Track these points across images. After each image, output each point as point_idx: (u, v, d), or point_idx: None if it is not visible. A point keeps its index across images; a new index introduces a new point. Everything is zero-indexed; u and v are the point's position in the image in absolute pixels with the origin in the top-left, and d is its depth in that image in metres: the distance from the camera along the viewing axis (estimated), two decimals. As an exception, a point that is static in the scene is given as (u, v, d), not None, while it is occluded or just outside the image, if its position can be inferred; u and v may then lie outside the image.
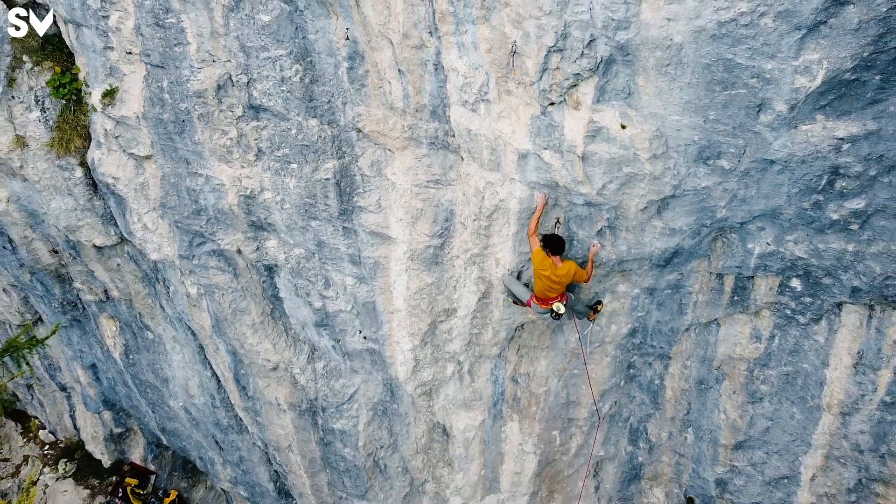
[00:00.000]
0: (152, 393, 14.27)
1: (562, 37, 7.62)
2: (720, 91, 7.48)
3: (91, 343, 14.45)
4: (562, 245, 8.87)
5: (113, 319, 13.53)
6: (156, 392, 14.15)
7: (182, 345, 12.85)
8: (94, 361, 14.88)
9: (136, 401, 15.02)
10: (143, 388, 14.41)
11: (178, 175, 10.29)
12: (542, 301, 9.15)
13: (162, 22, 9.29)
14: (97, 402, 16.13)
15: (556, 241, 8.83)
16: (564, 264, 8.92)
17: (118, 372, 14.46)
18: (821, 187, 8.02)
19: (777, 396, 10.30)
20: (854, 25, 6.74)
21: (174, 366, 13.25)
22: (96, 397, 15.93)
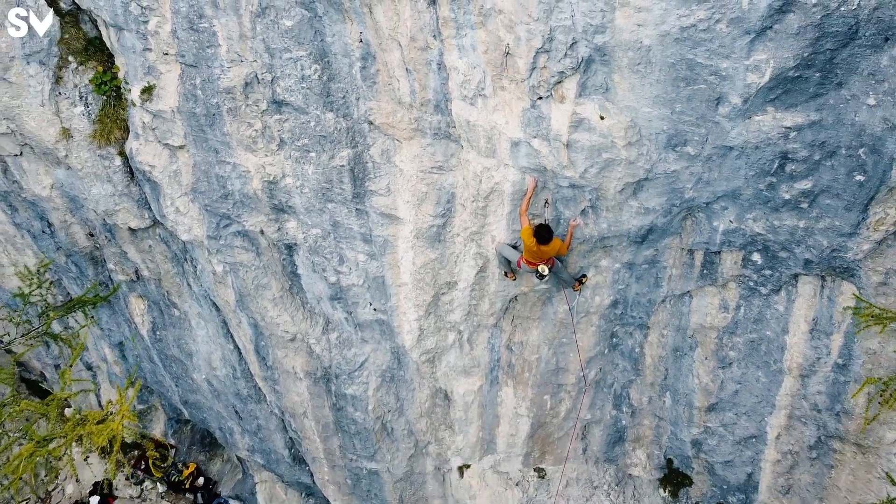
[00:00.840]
0: (177, 367, 15.47)
1: (548, 40, 8.83)
2: (684, 86, 8.70)
3: (119, 322, 15.63)
4: (550, 235, 10.02)
5: (142, 298, 14.73)
6: (180, 366, 15.35)
7: (206, 320, 14.04)
8: (121, 339, 16.05)
9: (161, 376, 16.21)
10: (167, 363, 15.60)
11: (208, 163, 11.50)
12: (529, 263, 10.34)
13: (196, 26, 10.49)
14: (122, 379, 17.32)
15: (544, 232, 9.99)
16: (551, 243, 10.09)
17: (144, 348, 15.65)
18: (773, 170, 9.23)
19: (744, 361, 11.50)
20: (795, 30, 7.96)
21: (198, 340, 14.45)
22: (121, 375, 17.12)
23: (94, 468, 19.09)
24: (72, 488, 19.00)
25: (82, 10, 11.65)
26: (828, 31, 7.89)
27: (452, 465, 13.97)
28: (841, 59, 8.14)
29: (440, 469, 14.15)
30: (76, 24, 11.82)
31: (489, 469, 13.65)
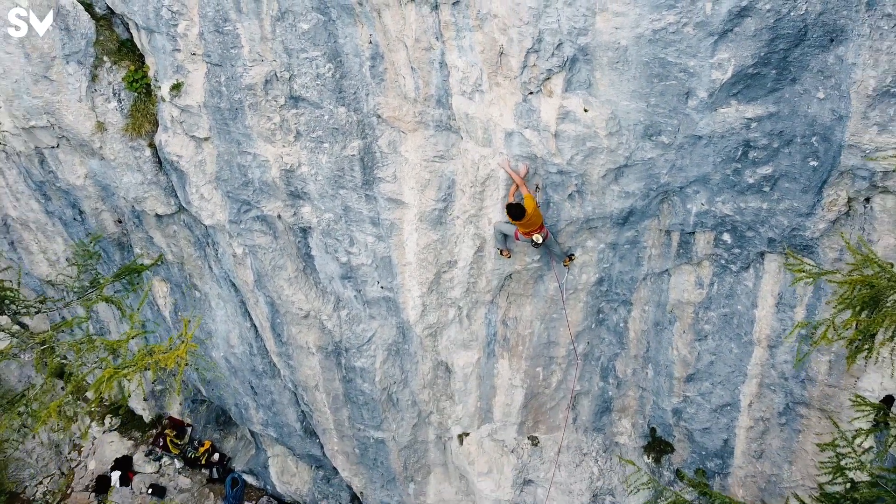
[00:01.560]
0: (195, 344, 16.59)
1: (537, 41, 9.99)
2: (657, 82, 9.85)
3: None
4: (521, 213, 11.11)
5: (165, 281, 15.87)
6: (200, 345, 16.48)
7: (226, 301, 15.18)
8: (143, 321, 17.20)
9: (180, 355, 17.32)
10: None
11: (230, 153, 12.66)
12: (525, 233, 11.45)
13: (221, 29, 11.65)
14: (142, 360, 18.42)
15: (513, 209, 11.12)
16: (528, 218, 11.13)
17: (166, 329, 16.79)
18: (738, 157, 10.36)
19: (718, 334, 12.61)
20: (752, 33, 9.11)
21: (217, 320, 15.59)
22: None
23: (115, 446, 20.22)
24: (94, 464, 20.13)
25: (115, 14, 12.81)
26: (781, 33, 9.05)
27: (453, 434, 15.10)
28: (793, 57, 9.28)
29: (441, 437, 15.28)
30: (110, 27, 12.99)
31: (486, 437, 14.77)
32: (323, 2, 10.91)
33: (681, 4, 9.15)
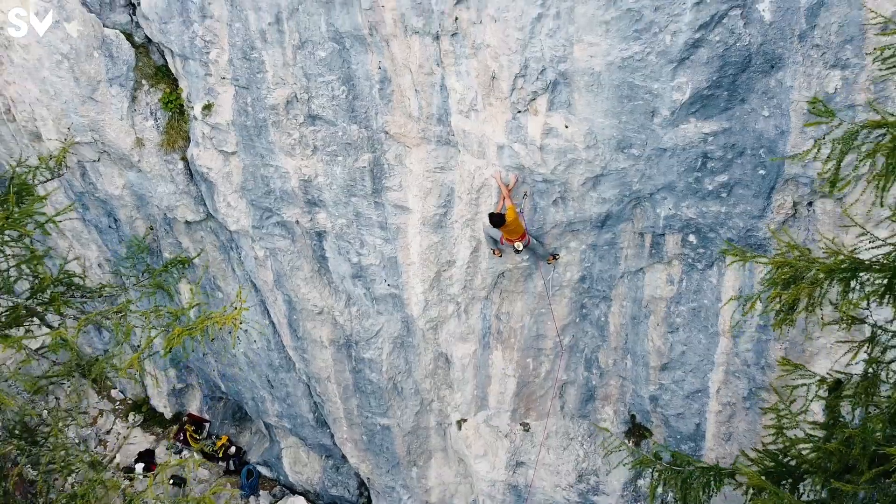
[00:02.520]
0: (217, 344, 18.16)
1: (524, 67, 11.63)
2: (627, 102, 11.49)
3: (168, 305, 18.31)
4: (500, 220, 12.71)
5: (190, 284, 17.46)
6: (220, 341, 18.02)
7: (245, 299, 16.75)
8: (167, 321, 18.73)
9: (201, 353, 18.91)
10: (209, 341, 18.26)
11: (255, 166, 14.29)
12: (508, 240, 13.03)
13: (248, 56, 13.32)
14: (166, 361, 20.01)
15: (494, 219, 12.73)
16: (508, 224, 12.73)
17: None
18: (698, 167, 11.97)
19: (688, 326, 14.14)
20: (705, 60, 10.75)
21: (238, 318, 17.15)
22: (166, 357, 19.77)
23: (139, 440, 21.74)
24: (119, 458, 21.62)
25: (153, 42, 14.49)
26: (729, 60, 10.69)
27: (452, 420, 16.60)
28: (741, 81, 10.92)
29: (441, 424, 16.78)
30: (147, 54, 14.67)
31: (482, 423, 16.27)
32: (338, 32, 12.58)
33: (645, 36, 10.81)
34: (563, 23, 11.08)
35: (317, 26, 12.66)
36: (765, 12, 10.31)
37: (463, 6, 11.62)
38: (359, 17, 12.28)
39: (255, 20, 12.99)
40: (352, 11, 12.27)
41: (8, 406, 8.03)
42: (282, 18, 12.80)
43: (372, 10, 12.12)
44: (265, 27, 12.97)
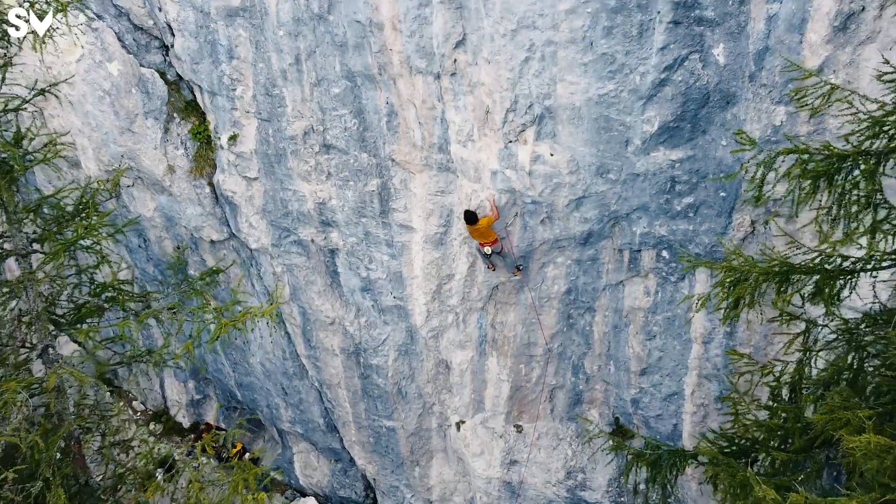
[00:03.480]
0: (236, 354, 19.71)
1: (514, 103, 13.33)
2: (604, 133, 13.16)
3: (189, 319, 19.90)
4: (472, 218, 14.32)
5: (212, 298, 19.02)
6: (239, 353, 19.59)
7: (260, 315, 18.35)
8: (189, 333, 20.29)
9: (221, 364, 20.44)
10: (228, 352, 19.85)
11: (274, 190, 15.95)
12: (480, 244, 14.67)
13: (270, 93, 15.02)
14: (186, 372, 21.55)
15: (467, 215, 14.33)
16: (479, 227, 14.34)
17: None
18: (668, 190, 13.60)
19: (664, 334, 15.69)
20: (670, 97, 12.44)
21: (256, 329, 18.72)
22: (186, 368, 21.33)
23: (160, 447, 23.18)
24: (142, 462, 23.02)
25: (183, 80, 16.22)
26: (691, 97, 12.38)
27: (451, 422, 18.10)
28: (702, 115, 12.60)
29: (442, 425, 18.29)
30: (178, 90, 16.39)
31: (479, 424, 17.76)
32: (351, 72, 14.29)
33: (618, 76, 12.51)
34: (548, 65, 12.78)
35: (332, 66, 14.37)
36: (719, 56, 12.02)
37: (461, 50, 13.33)
38: (369, 59, 13.99)
39: (277, 61, 14.71)
40: (363, 53, 13.98)
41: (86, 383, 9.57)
42: (301, 59, 14.52)
43: (381, 53, 13.83)
44: (286, 67, 14.68)
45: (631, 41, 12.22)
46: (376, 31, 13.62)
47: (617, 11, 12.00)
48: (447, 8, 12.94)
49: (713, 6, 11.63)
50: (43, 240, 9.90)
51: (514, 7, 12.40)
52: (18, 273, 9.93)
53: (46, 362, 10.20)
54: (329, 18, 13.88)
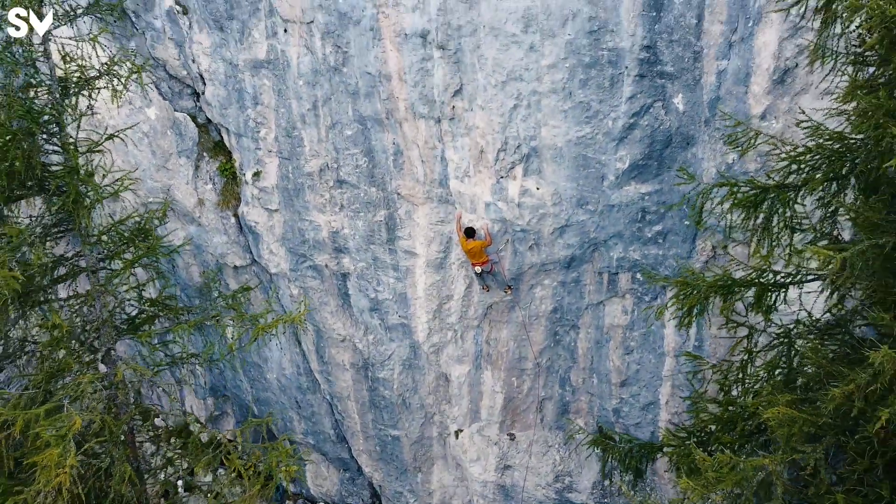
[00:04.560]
0: (254, 371, 21.53)
1: (504, 144, 15.33)
2: (582, 170, 15.15)
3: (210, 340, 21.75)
4: (471, 232, 16.20)
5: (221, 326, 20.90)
6: (257, 369, 21.41)
7: (281, 332, 20.20)
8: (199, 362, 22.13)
9: (239, 380, 22.25)
10: (247, 369, 21.66)
11: (293, 220, 17.92)
12: (472, 264, 16.56)
13: (290, 134, 17.05)
14: (206, 389, 23.35)
15: (469, 230, 16.22)
16: (471, 243, 16.23)
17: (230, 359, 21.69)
18: (639, 219, 15.55)
19: (640, 349, 17.54)
20: (639, 139, 14.44)
21: (273, 348, 20.57)
22: (206, 385, 23.14)
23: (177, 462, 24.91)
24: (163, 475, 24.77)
25: (212, 123, 18.26)
26: (656, 139, 14.40)
27: (450, 430, 19.87)
28: (666, 154, 14.61)
29: (442, 434, 20.05)
30: (207, 132, 18.42)
31: (476, 433, 19.53)
32: (362, 116, 16.31)
33: (593, 121, 14.54)
34: (533, 111, 14.82)
35: (345, 111, 16.40)
36: (679, 104, 14.06)
37: (458, 98, 15.37)
38: (378, 105, 16.02)
39: (297, 106, 16.75)
40: (373, 100, 16.01)
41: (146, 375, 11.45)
42: (318, 105, 16.55)
43: (388, 100, 15.86)
44: (304, 112, 16.72)
45: (604, 91, 14.27)
46: (385, 81, 15.66)
47: (591, 66, 14.06)
48: (446, 62, 14.99)
49: (672, 62, 13.70)
50: (109, 258, 11.84)
51: (503, 62, 14.46)
52: (89, 287, 11.84)
53: (107, 362, 12.06)
54: (343, 70, 15.94)
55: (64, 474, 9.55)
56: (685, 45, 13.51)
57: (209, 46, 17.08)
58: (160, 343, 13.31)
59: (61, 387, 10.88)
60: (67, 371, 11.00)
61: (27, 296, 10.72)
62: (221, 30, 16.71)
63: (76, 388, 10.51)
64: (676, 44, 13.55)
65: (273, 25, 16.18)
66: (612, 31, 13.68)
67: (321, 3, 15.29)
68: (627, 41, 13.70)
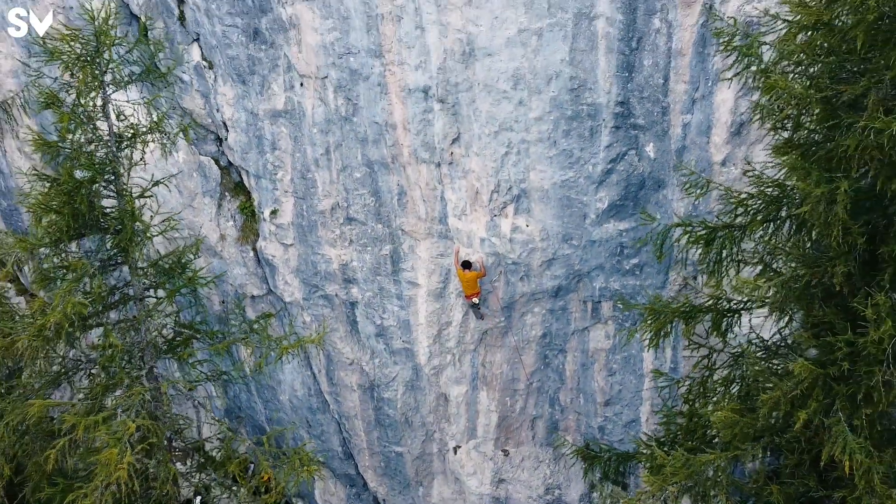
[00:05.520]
0: (268, 393, 23.22)
1: (497, 185, 17.21)
2: (567, 209, 17.01)
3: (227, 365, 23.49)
4: (467, 264, 18.04)
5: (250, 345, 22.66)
6: (270, 391, 23.10)
7: (294, 356, 21.94)
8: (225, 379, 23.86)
9: (254, 402, 23.93)
10: (261, 391, 23.36)
11: (306, 253, 19.76)
12: (466, 296, 18.37)
13: (305, 176, 18.94)
14: (222, 411, 25.04)
15: (465, 263, 18.05)
16: (468, 274, 18.07)
17: (245, 383, 23.46)
18: (618, 253, 17.38)
19: (622, 370, 19.29)
20: (615, 182, 16.31)
21: (286, 371, 22.29)
22: (222, 407, 24.82)
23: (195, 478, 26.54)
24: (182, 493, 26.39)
25: (233, 165, 20.16)
26: (631, 182, 16.28)
27: (449, 447, 21.53)
28: (641, 195, 16.48)
29: (441, 450, 21.71)
30: (229, 174, 20.31)
31: (473, 449, 21.21)
32: (370, 160, 18.19)
33: (576, 167, 16.43)
34: (522, 157, 16.72)
35: (355, 156, 18.29)
36: (650, 152, 15.97)
37: (456, 145, 17.28)
38: (385, 151, 17.92)
39: (311, 151, 18.64)
40: (380, 146, 17.91)
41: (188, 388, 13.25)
42: (330, 150, 18.45)
43: (394, 147, 17.77)
44: (318, 156, 18.61)
45: (584, 140, 16.18)
46: (390, 130, 17.58)
47: (573, 119, 15.98)
48: (445, 114, 16.92)
49: (643, 116, 15.63)
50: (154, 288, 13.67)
51: (496, 115, 16.40)
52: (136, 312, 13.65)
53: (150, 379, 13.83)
54: (353, 120, 17.86)
55: (122, 470, 11.31)
56: (654, 101, 15.44)
57: (232, 98, 19.01)
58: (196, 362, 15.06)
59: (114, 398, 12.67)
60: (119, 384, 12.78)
61: (86, 319, 12.50)
62: (244, 83, 18.65)
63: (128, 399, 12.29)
64: (647, 100, 15.49)
65: (290, 80, 18.12)
66: (590, 89, 15.62)
67: (334, 60, 17.23)
68: (604, 97, 15.63)
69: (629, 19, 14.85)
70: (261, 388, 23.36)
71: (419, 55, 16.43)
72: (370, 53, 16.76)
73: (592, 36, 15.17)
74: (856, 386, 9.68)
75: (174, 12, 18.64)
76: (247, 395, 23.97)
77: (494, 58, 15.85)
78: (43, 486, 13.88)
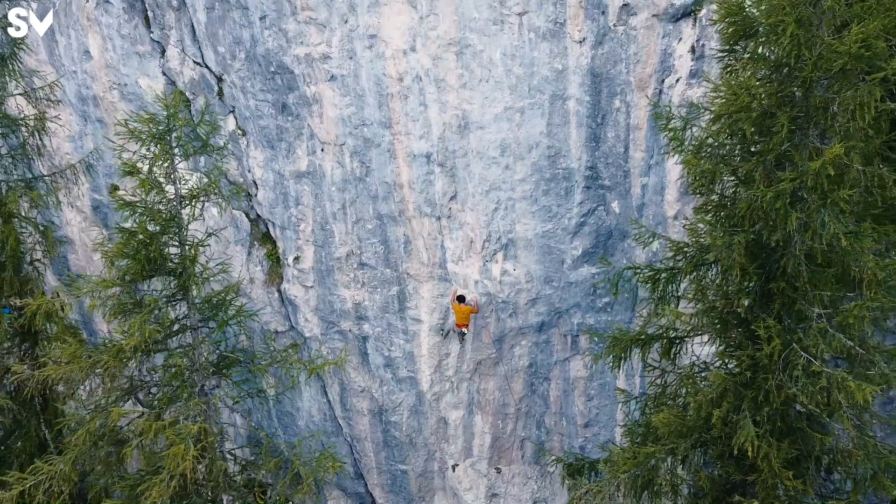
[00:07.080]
0: (287, 419, 26.04)
1: (488, 235, 20.31)
2: (547, 255, 20.07)
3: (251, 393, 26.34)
4: (462, 299, 21.05)
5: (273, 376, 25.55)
6: (290, 418, 25.93)
7: (311, 385, 24.83)
8: (249, 407, 26.69)
9: (275, 428, 26.73)
10: (281, 417, 26.16)
11: (325, 294, 22.79)
12: (457, 326, 21.34)
13: (324, 228, 22.06)
14: (244, 438, 27.82)
15: (460, 297, 21.06)
16: (463, 307, 21.04)
17: (267, 410, 26.28)
18: (592, 293, 20.40)
19: (599, 396, 22.17)
20: (588, 232, 19.42)
21: (304, 399, 25.13)
22: (244, 434, 27.61)
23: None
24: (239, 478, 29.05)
25: (261, 218, 23.30)
26: (601, 232, 19.38)
27: (448, 465, 24.29)
28: (609, 244, 19.57)
29: (441, 468, 24.47)
30: (257, 225, 23.44)
31: (469, 467, 23.99)
32: (380, 214, 21.31)
33: (554, 220, 19.55)
34: (509, 212, 19.86)
35: (367, 211, 21.42)
36: (616, 208, 19.12)
37: (454, 202, 20.42)
38: (393, 206, 21.04)
39: (329, 206, 21.77)
40: (389, 202, 21.04)
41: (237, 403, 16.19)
42: (346, 206, 21.57)
43: (401, 202, 20.90)
44: (335, 210, 21.73)
45: (561, 198, 19.33)
46: (398, 188, 20.74)
47: (551, 180, 19.15)
48: (445, 176, 20.10)
49: (609, 178, 18.79)
50: (207, 319, 16.67)
51: (487, 177, 19.57)
52: (191, 339, 16.62)
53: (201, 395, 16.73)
54: (366, 180, 21.02)
55: (187, 462, 14.23)
56: (617, 166, 18.62)
57: (262, 160, 22.20)
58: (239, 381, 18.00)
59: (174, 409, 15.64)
60: (179, 398, 15.73)
61: (154, 344, 15.47)
62: (272, 148, 21.86)
63: (188, 408, 15.25)
64: (611, 165, 18.67)
65: (313, 146, 21.34)
66: (564, 156, 18.82)
67: (351, 130, 20.46)
68: (576, 163, 18.82)
69: (595, 100, 18.09)
70: (281, 414, 26.22)
71: (422, 127, 19.64)
72: (381, 125, 19.98)
73: (565, 113, 18.40)
74: (757, 390, 12.65)
75: (214, 89, 21.93)
76: (268, 421, 26.79)
77: (485, 130, 19.07)
78: (107, 491, 16.75)
